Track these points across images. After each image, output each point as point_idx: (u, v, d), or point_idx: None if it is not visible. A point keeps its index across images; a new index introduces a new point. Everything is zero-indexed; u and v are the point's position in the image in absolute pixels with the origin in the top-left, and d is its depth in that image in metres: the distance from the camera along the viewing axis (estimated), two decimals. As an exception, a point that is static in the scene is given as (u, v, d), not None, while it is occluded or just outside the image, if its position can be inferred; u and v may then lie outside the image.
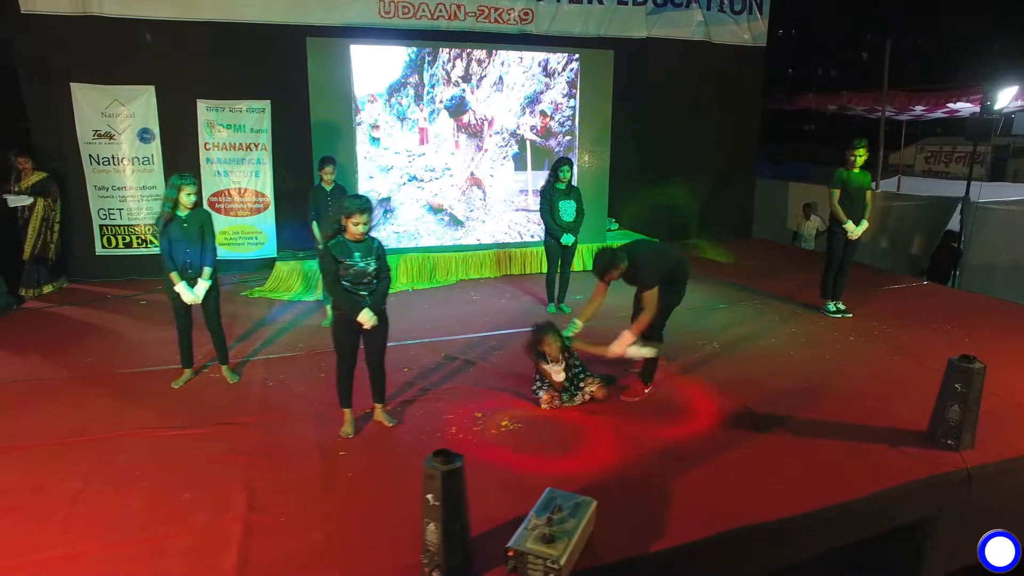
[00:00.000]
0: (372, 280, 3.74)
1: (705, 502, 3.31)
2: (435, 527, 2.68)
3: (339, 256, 3.65)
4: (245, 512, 3.17)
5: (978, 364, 3.76)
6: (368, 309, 3.69)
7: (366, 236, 3.72)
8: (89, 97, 6.75)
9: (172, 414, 4.21)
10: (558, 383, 4.29)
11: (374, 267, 3.72)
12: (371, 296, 3.73)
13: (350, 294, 3.69)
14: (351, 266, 3.65)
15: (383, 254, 3.81)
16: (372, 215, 3.70)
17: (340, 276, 3.66)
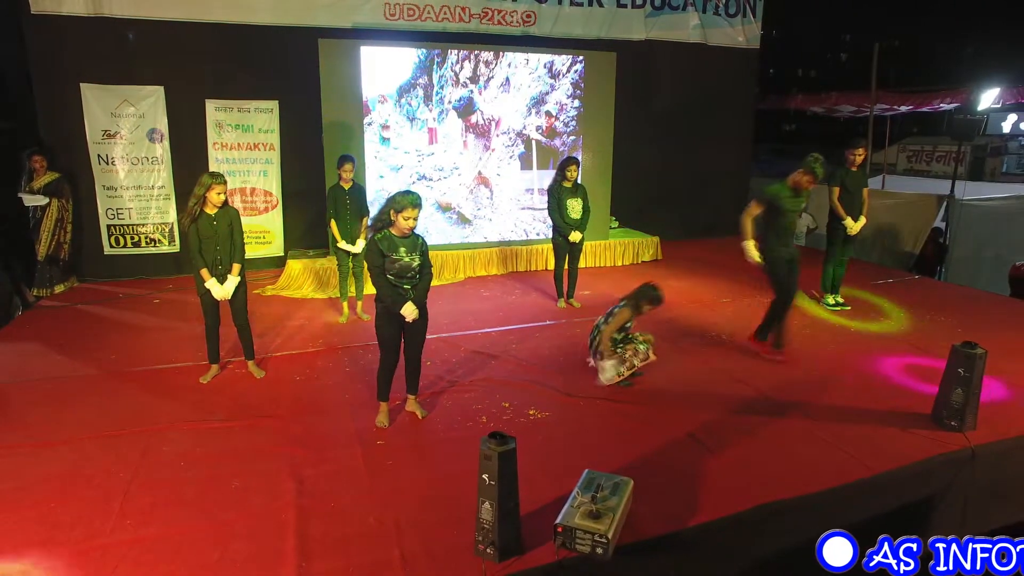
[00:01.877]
0: (415, 275, 3.86)
1: (732, 480, 3.50)
2: (491, 506, 2.83)
3: (386, 250, 3.77)
4: (296, 498, 3.29)
5: (980, 350, 4.00)
6: (411, 302, 3.82)
7: (412, 232, 3.85)
8: (99, 97, 6.78)
9: (208, 408, 4.30)
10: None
11: (418, 262, 3.85)
12: (414, 290, 3.86)
13: (394, 287, 3.82)
14: (397, 260, 3.78)
15: (426, 250, 3.94)
16: (421, 210, 3.83)
17: (385, 270, 3.79)
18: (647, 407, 4.37)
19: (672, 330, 5.84)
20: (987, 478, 3.92)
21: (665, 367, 4.95)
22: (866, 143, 6.44)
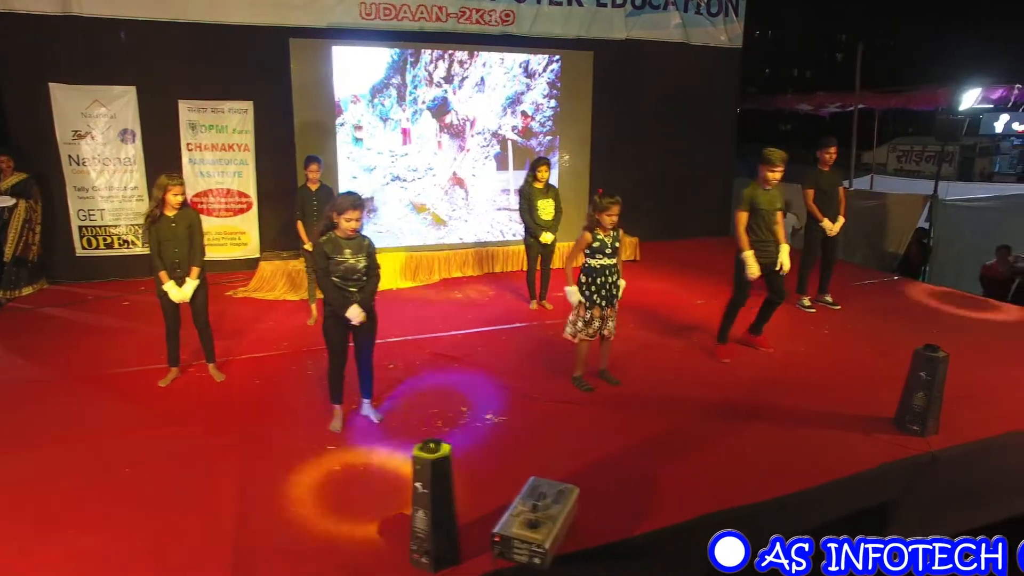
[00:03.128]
0: (362, 277, 3.81)
1: (687, 488, 3.45)
2: (424, 514, 2.77)
3: (330, 252, 3.72)
4: (239, 506, 3.24)
5: (942, 353, 3.95)
6: (357, 305, 3.77)
7: (357, 233, 3.80)
8: (68, 97, 6.72)
9: (162, 412, 4.26)
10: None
11: (364, 264, 3.79)
12: (360, 293, 3.81)
13: (340, 290, 3.77)
14: (341, 262, 3.73)
15: (373, 252, 3.89)
16: (363, 211, 3.78)
17: (330, 272, 3.74)
18: (609, 411, 4.32)
19: (642, 331, 5.78)
20: (949, 482, 3.87)
21: (632, 369, 4.90)
22: (837, 142, 6.36)
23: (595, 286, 4.36)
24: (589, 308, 4.40)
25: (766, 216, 5.04)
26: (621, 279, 4.52)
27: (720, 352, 5.17)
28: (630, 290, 6.80)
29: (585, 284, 4.38)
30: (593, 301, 4.38)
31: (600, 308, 4.42)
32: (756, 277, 5.02)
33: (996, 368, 5.00)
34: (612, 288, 4.41)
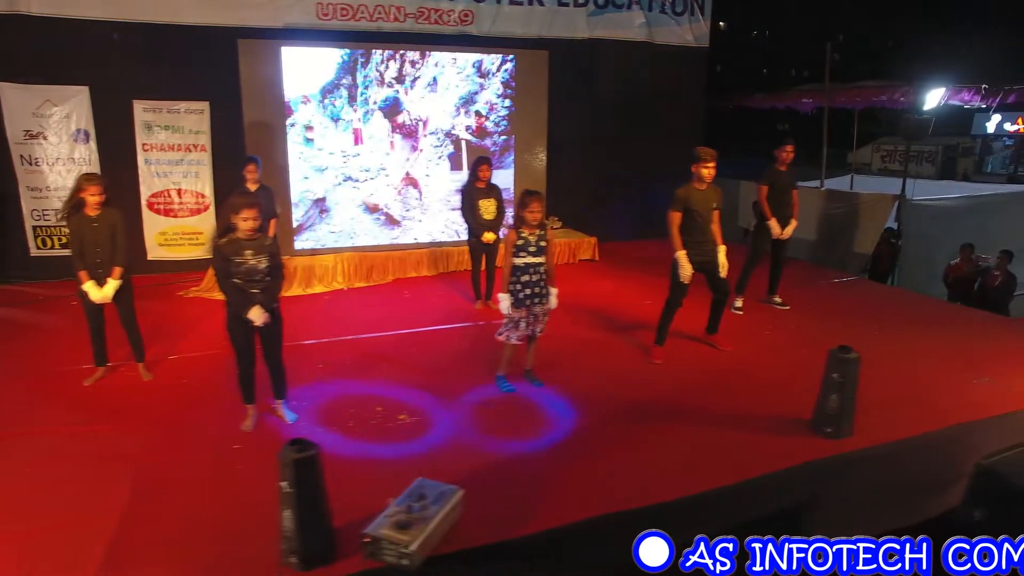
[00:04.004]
0: (264, 277, 3.80)
1: (589, 488, 3.45)
2: (290, 514, 2.77)
3: (230, 254, 3.72)
4: (128, 505, 3.24)
5: (853, 354, 3.91)
6: (258, 306, 3.76)
7: (258, 234, 3.80)
8: (18, 97, 6.75)
9: (79, 411, 4.26)
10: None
11: (265, 264, 3.79)
12: (263, 294, 3.80)
13: (241, 291, 3.76)
14: (242, 263, 3.72)
15: (276, 252, 3.88)
16: (260, 211, 3.78)
17: (231, 274, 3.73)
18: (525, 412, 4.30)
19: (583, 331, 5.77)
20: (861, 485, 3.83)
21: (562, 370, 4.89)
22: (795, 141, 6.30)
23: (520, 284, 4.33)
24: (517, 307, 4.36)
25: (701, 216, 5.01)
26: (553, 286, 4.47)
27: (654, 353, 5.14)
28: (580, 290, 6.88)
29: (511, 283, 4.35)
30: (520, 300, 4.35)
31: (527, 308, 4.38)
32: (690, 278, 5.00)
33: (928, 369, 4.96)
34: (538, 287, 4.37)
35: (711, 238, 5.09)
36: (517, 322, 4.40)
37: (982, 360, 5.11)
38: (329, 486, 3.35)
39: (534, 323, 4.44)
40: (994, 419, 4.09)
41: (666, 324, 5.15)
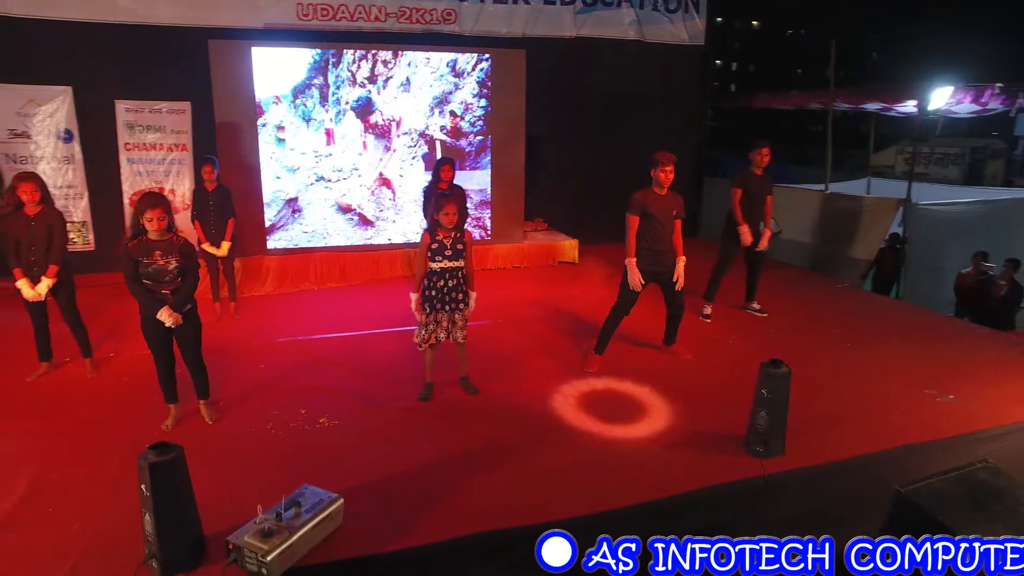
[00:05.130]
0: (175, 278, 3.78)
1: (484, 501, 3.33)
2: (150, 517, 2.73)
3: (139, 255, 3.71)
4: (16, 506, 3.24)
5: (784, 369, 3.70)
6: (167, 307, 3.74)
7: (169, 234, 3.78)
8: (3, 96, 6.92)
9: (13, 406, 4.32)
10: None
11: (175, 265, 3.77)
12: (174, 295, 3.79)
13: (150, 292, 3.75)
14: (150, 264, 3.71)
15: (188, 252, 3.85)
16: (167, 211, 3.74)
17: (139, 276, 3.72)
18: (442, 420, 4.20)
19: (533, 338, 5.64)
20: (783, 507, 3.61)
21: (503, 378, 4.77)
22: (770, 144, 6.02)
23: (435, 290, 4.23)
24: (428, 313, 4.27)
25: (661, 223, 4.81)
26: (472, 290, 4.36)
27: (590, 361, 4.98)
28: (546, 294, 6.73)
29: (426, 287, 4.26)
30: (433, 306, 4.25)
31: (439, 313, 4.27)
32: (639, 287, 4.82)
33: (892, 385, 4.69)
34: (455, 292, 4.27)
35: (671, 248, 4.89)
36: (431, 328, 4.29)
37: (953, 377, 4.81)
38: (225, 490, 3.35)
39: (453, 329, 4.32)
40: (938, 442, 3.82)
41: (608, 332, 4.98)
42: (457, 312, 4.29)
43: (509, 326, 5.93)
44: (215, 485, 3.31)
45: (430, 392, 4.45)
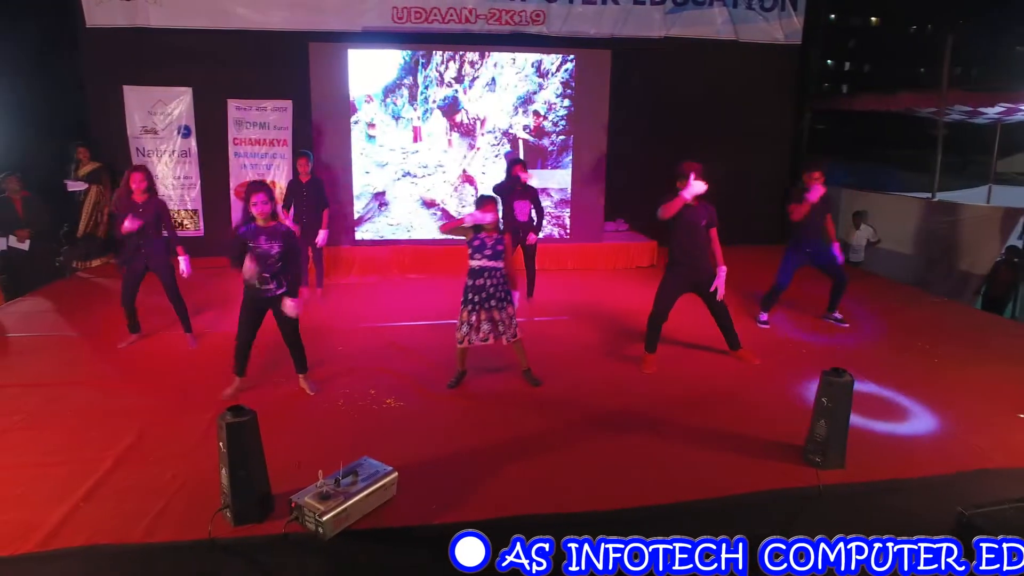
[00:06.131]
0: (276, 263, 4.10)
1: (522, 488, 3.43)
2: (225, 472, 3.05)
3: (247, 239, 4.07)
4: (124, 451, 3.71)
5: (846, 378, 3.57)
6: (291, 301, 4.15)
7: (273, 221, 4.11)
8: (138, 98, 7.79)
9: (119, 370, 4.89)
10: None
11: (277, 250, 4.08)
12: (291, 286, 4.16)
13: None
14: (256, 248, 4.06)
15: (291, 238, 4.16)
16: (270, 197, 4.07)
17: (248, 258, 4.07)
18: (502, 408, 4.34)
19: (600, 336, 5.68)
20: (835, 521, 3.47)
21: (567, 374, 4.87)
22: (822, 170, 5.79)
23: (474, 289, 4.37)
24: (470, 311, 4.40)
25: (689, 232, 4.76)
26: (515, 289, 4.49)
27: (646, 362, 4.97)
28: (617, 296, 6.72)
29: (467, 287, 4.40)
30: (474, 305, 4.38)
31: (479, 312, 4.39)
32: None
33: (973, 406, 4.39)
34: (495, 291, 4.37)
35: (706, 256, 4.83)
36: (473, 326, 4.42)
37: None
38: (295, 454, 3.66)
39: (495, 329, 4.43)
40: (1018, 470, 3.55)
41: (650, 334, 4.98)
42: (497, 310, 4.40)
43: (578, 325, 6.01)
44: (287, 449, 3.63)
45: (460, 380, 4.61)
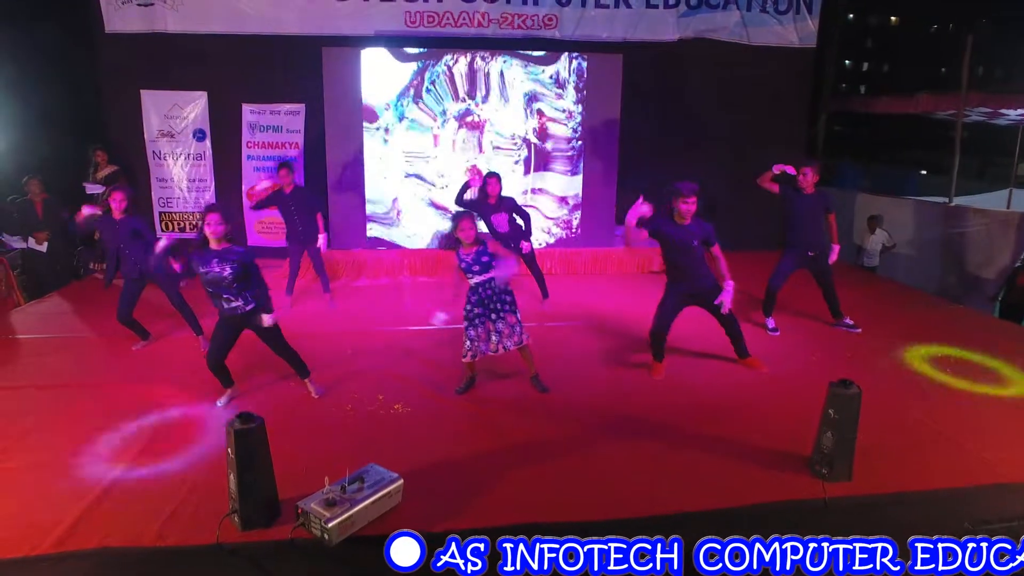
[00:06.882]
0: (232, 284, 4.02)
1: (522, 495, 3.45)
2: (234, 477, 3.10)
3: (198, 263, 4.07)
4: (137, 453, 3.79)
5: (854, 389, 3.55)
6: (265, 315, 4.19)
7: (227, 243, 4.07)
8: (155, 102, 7.91)
9: (133, 372, 4.98)
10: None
11: (229, 272, 3.99)
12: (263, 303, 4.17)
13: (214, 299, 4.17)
14: (207, 272, 4.02)
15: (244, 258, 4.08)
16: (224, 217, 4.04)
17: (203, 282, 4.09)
18: (509, 414, 4.36)
19: (610, 342, 5.68)
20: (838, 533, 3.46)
21: (575, 380, 4.88)
22: (816, 165, 5.74)
23: (479, 305, 4.40)
24: (473, 326, 4.43)
25: (680, 251, 4.69)
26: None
27: (655, 370, 4.97)
28: (631, 303, 6.70)
29: (468, 305, 4.43)
30: (481, 320, 4.41)
31: (488, 323, 4.42)
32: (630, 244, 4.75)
33: (988, 419, 4.33)
34: (495, 300, 4.39)
35: (704, 271, 4.77)
36: (479, 338, 4.44)
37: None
38: (302, 459, 3.70)
39: (500, 339, 4.44)
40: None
41: (656, 340, 4.96)
42: (500, 321, 4.42)
43: (588, 330, 6.01)
44: (294, 454, 3.68)
45: (469, 385, 4.64)
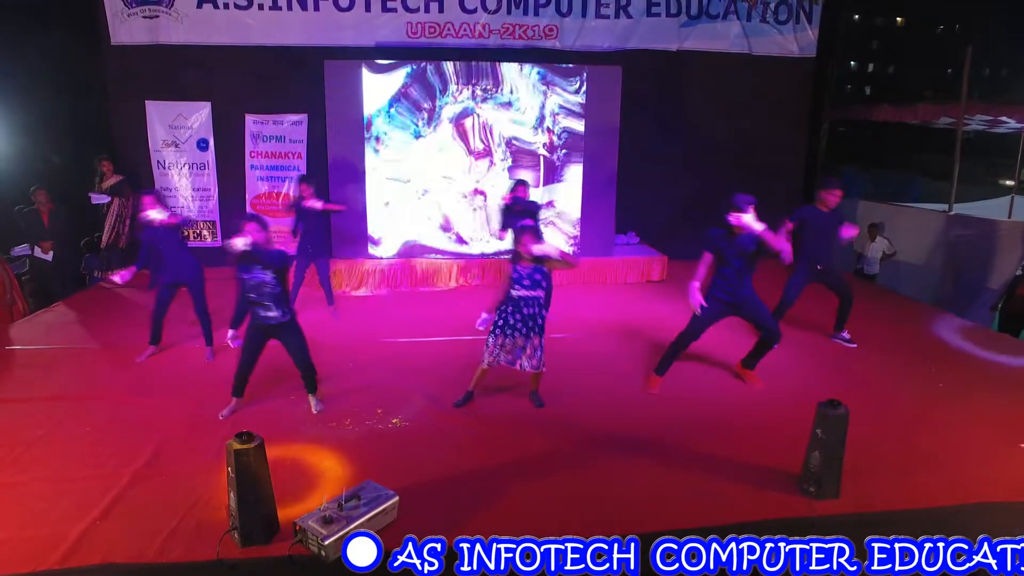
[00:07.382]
0: (274, 289, 4.21)
1: (513, 509, 3.52)
2: (233, 495, 3.18)
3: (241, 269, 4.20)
4: (140, 467, 3.86)
5: (841, 410, 3.61)
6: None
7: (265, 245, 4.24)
8: (160, 112, 8.01)
9: (137, 384, 5.05)
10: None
11: (272, 277, 4.19)
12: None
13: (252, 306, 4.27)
14: (249, 279, 4.18)
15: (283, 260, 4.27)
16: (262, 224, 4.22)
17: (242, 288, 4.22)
18: (506, 428, 4.43)
19: (606, 350, 5.75)
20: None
21: (572, 394, 4.94)
22: (842, 188, 5.79)
23: (514, 316, 4.41)
24: (505, 337, 4.47)
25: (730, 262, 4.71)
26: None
27: (652, 382, 5.03)
28: (630, 311, 6.77)
29: (501, 312, 4.47)
30: (512, 331, 4.43)
31: (517, 336, 4.45)
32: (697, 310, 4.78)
33: (978, 436, 4.38)
34: (528, 320, 4.42)
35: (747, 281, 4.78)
36: (504, 348, 4.49)
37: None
38: (300, 476, 3.78)
39: (522, 356, 4.47)
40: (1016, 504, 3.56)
41: (671, 355, 4.99)
42: (527, 339, 4.45)
43: (587, 341, 6.08)
44: (293, 471, 3.76)
45: (467, 400, 4.69)
